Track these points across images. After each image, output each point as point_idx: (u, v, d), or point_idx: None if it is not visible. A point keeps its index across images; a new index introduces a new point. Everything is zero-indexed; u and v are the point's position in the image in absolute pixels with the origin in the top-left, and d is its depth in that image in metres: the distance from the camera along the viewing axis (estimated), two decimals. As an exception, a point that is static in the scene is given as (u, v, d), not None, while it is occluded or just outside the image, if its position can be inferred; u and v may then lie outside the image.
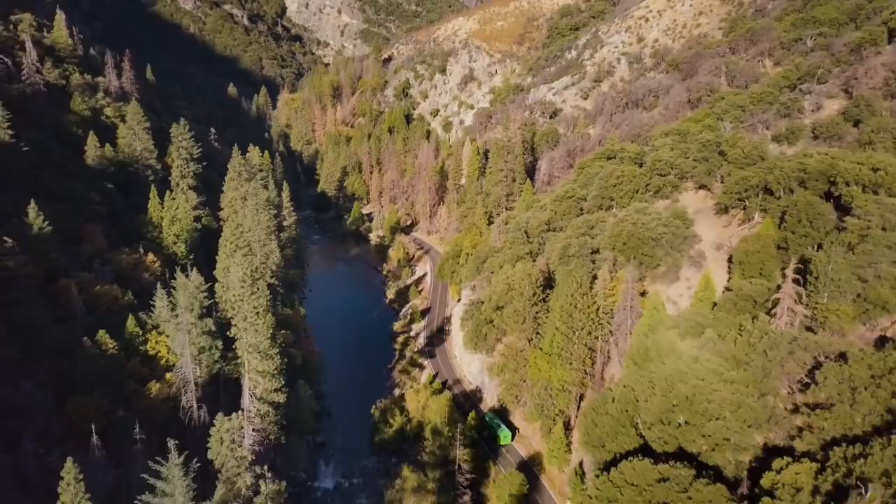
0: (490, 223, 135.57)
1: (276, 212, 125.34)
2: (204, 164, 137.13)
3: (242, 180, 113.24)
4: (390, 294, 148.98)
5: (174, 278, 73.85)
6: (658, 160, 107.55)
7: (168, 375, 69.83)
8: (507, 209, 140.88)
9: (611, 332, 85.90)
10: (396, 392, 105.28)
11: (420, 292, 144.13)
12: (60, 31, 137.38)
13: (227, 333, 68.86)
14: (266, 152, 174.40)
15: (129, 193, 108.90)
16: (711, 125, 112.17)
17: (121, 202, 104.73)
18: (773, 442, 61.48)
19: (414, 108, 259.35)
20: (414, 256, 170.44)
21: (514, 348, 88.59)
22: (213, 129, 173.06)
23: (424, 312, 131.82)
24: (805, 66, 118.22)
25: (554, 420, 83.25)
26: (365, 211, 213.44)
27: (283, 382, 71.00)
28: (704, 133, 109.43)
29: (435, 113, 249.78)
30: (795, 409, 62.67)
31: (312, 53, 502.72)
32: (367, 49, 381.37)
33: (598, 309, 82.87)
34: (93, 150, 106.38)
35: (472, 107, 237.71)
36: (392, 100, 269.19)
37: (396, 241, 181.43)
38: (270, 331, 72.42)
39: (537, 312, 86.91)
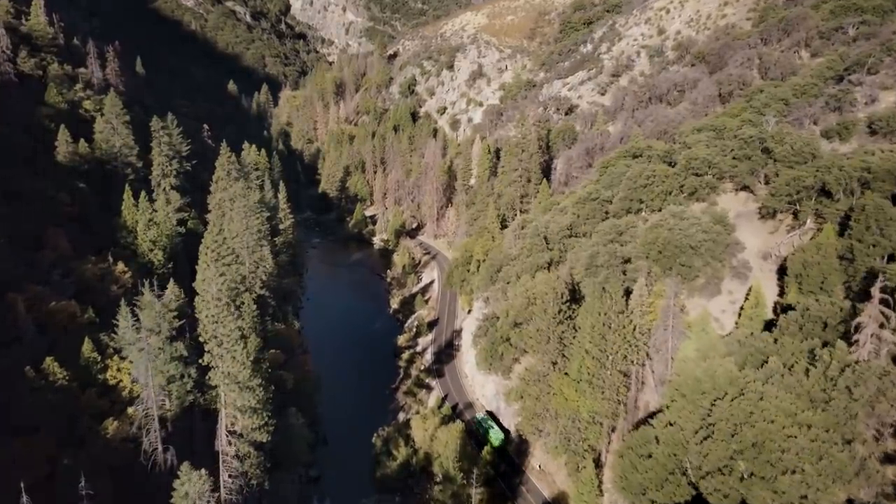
0: (504, 227, 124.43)
1: (269, 214, 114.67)
2: (194, 161, 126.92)
3: (231, 180, 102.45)
4: (394, 303, 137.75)
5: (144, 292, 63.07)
6: (693, 158, 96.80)
7: (130, 410, 58.90)
8: (521, 212, 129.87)
9: (647, 354, 74.73)
10: (401, 417, 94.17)
11: (427, 302, 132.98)
12: (38, 18, 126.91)
13: (200, 361, 57.86)
14: (263, 150, 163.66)
15: (105, 194, 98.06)
16: (752, 120, 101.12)
17: (95, 204, 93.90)
18: (860, 500, 50.40)
19: (420, 106, 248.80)
20: (420, 262, 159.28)
21: (535, 372, 77.42)
22: (206, 126, 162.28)
23: (432, 325, 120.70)
24: (853, 55, 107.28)
25: (583, 456, 72.15)
26: (368, 213, 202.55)
27: (267, 418, 60.07)
28: (744, 128, 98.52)
29: (442, 110, 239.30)
30: (888, 460, 51.55)
31: (316, 52, 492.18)
32: (372, 47, 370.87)
33: (634, 329, 71.62)
34: (64, 145, 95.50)
35: (480, 104, 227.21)
36: (397, 97, 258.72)
37: (401, 246, 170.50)
38: (254, 355, 61.64)
39: (563, 332, 75.67)
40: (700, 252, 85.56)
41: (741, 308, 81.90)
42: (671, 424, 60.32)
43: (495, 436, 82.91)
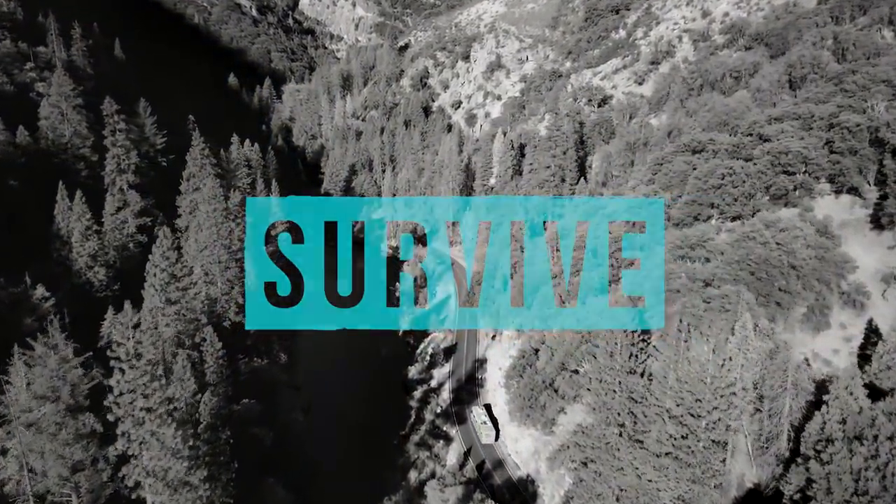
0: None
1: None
2: (171, 157, 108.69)
3: (205, 176, 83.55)
4: (404, 323, 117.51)
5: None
6: (782, 152, 77.16)
7: (11, 517, 40.04)
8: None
9: (750, 418, 54.94)
10: (413, 477, 74.56)
11: (442, 322, 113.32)
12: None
13: (114, 447, 38.64)
14: (257, 145, 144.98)
15: (49, 194, 79.23)
16: (852, 105, 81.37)
17: (31, 206, 75.06)
18: None
19: (433, 100, 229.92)
20: (434, 273, 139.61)
21: (593, 436, 57.72)
22: (191, 117, 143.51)
23: (449, 352, 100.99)
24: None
25: (664, 557, 52.45)
26: (376, 216, 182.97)
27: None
28: (844, 115, 78.83)
29: (457, 104, 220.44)
30: None
31: (325, 47, 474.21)
32: (382, 42, 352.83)
33: (734, 383, 51.90)
34: (-6, 133, 77.17)
35: (499, 97, 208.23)
36: (408, 91, 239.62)
37: (413, 254, 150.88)
38: (207, 421, 42.54)
39: (633, 384, 55.98)
40: (803, 273, 66.17)
41: (860, 348, 62.70)
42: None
43: (486, 433, 76.46)
